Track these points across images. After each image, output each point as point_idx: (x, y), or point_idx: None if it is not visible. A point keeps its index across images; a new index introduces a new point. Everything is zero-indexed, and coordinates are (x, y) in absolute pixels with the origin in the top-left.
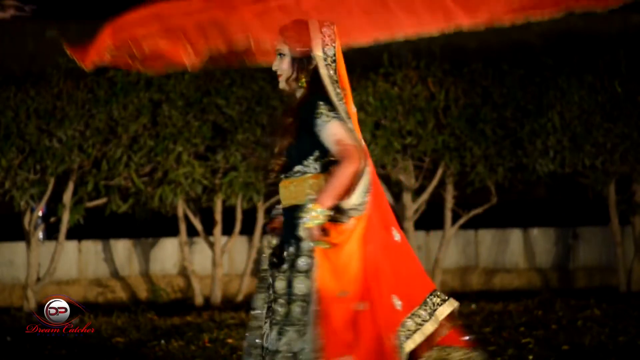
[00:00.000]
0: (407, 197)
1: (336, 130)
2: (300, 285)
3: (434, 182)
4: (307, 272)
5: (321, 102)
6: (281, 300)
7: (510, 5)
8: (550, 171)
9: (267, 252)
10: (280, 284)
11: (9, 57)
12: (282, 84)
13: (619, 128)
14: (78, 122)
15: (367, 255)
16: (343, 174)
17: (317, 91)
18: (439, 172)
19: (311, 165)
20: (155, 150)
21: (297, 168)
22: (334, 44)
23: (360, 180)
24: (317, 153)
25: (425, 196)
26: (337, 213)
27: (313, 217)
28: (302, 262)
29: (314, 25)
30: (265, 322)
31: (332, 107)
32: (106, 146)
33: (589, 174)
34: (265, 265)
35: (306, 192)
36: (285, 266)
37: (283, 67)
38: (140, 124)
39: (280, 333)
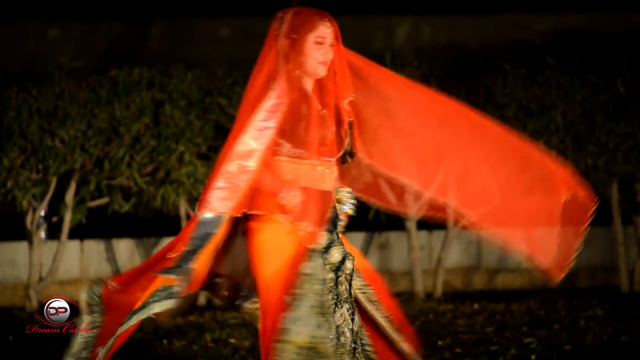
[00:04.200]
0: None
1: None
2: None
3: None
4: None
5: None
6: (344, 280)
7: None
8: None
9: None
10: (350, 265)
11: (11, 56)
12: (325, 71)
13: (622, 127)
14: (80, 121)
15: None
16: None
17: None
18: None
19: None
20: (158, 150)
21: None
22: None
23: None
24: None
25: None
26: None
27: (354, 203)
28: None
29: None
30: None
31: None
32: (108, 146)
33: (592, 173)
34: (332, 275)
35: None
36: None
37: (329, 56)
38: (142, 124)
39: (353, 312)
